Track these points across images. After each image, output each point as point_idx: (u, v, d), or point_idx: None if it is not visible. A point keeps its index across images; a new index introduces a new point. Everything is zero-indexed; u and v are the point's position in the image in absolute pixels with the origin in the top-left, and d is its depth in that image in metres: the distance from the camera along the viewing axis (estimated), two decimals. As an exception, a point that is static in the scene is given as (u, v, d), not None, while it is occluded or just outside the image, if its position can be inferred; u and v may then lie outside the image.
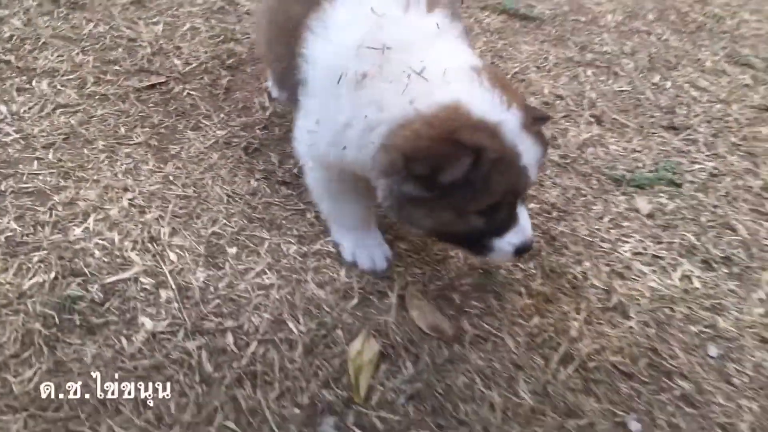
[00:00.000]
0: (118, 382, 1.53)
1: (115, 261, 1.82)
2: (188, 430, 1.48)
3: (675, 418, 1.70)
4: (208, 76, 2.60)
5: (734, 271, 2.17)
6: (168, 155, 2.20)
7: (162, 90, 2.49)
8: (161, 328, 1.69)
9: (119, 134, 2.26)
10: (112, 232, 1.90)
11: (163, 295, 1.78)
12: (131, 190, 2.04)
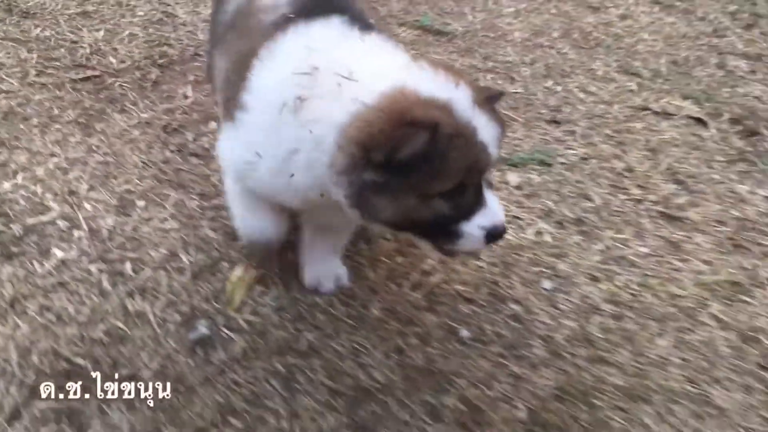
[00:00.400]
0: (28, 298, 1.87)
1: (36, 208, 2.19)
2: (81, 328, 1.82)
3: (502, 330, 2.06)
4: (139, 72, 3.01)
5: (582, 230, 2.56)
6: (94, 131, 2.58)
7: (96, 82, 2.89)
8: (70, 257, 2.04)
9: (53, 114, 2.64)
10: (36, 187, 2.26)
11: (76, 234, 2.14)
12: (57, 156, 2.41)
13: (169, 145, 2.59)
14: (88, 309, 1.89)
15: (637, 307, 2.26)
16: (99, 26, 3.35)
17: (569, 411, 1.86)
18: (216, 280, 2.06)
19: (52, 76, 2.87)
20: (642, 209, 2.75)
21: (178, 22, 3.54)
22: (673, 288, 2.36)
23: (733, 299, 2.36)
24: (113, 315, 1.88)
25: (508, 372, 1.94)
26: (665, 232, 2.64)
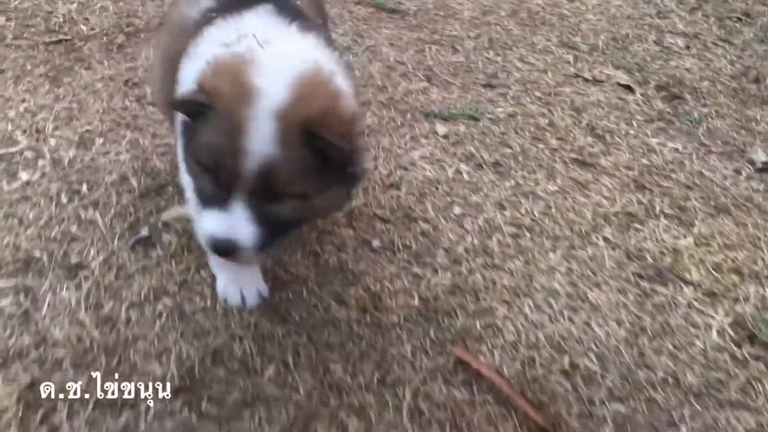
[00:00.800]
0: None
1: (6, 141, 2.54)
2: (39, 229, 2.17)
3: (410, 242, 2.41)
4: (106, 38, 3.38)
5: (498, 170, 2.91)
6: (61, 83, 2.94)
7: (66, 45, 3.26)
8: (34, 179, 2.40)
9: (26, 69, 3.01)
10: (7, 125, 2.62)
11: (40, 162, 2.50)
12: (27, 102, 2.77)
13: (129, 96, 2.95)
14: (46, 216, 2.23)
15: (535, 229, 2.61)
16: (73, 0, 3.71)
17: (459, 301, 2.20)
18: (161, 199, 2.40)
19: (27, 40, 3.23)
20: (557, 156, 3.10)
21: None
22: (571, 215, 2.71)
23: (626, 226, 2.71)
24: (68, 221, 2.23)
25: (411, 273, 2.29)
26: (575, 174, 2.99)
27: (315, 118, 1.45)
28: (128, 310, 1.94)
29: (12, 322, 1.86)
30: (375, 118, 3.12)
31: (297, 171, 1.46)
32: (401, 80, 3.52)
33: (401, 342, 2.03)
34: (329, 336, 2.00)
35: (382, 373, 1.93)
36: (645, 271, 2.50)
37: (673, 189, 3.01)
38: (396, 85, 3.45)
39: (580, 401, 1.97)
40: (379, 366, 1.95)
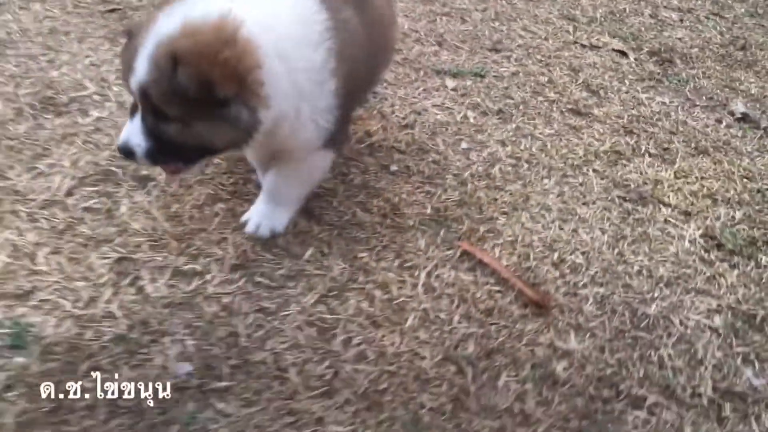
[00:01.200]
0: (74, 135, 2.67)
1: (77, 87, 2.99)
2: (112, 152, 2.61)
3: (423, 168, 2.84)
4: (154, 7, 3.83)
5: (501, 116, 3.34)
6: (119, 43, 3.39)
7: (119, 13, 3.72)
8: (103, 116, 2.84)
9: (86, 32, 3.46)
10: (77, 74, 3.07)
11: (107, 104, 2.94)
12: (91, 57, 3.22)
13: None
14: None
15: (533, 161, 3.03)
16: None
17: (465, 212, 2.63)
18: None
19: (85, 8, 3.69)
20: (554, 107, 3.52)
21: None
22: (565, 152, 3.12)
23: (614, 162, 3.13)
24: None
25: (424, 190, 2.71)
26: (570, 121, 3.41)
27: (185, 53, 1.73)
28: (191, 210, 2.37)
29: (98, 216, 2.30)
30: (392, 74, 3.54)
31: (167, 93, 1.76)
32: (415, 44, 3.94)
33: (416, 239, 2.45)
34: (356, 233, 2.42)
35: (401, 260, 2.35)
36: (628, 194, 2.91)
37: (658, 134, 3.42)
38: (410, 48, 3.87)
39: (567, 285, 2.39)
40: (398, 255, 2.37)
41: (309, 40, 1.96)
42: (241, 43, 1.78)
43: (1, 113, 2.67)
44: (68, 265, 2.09)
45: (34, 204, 2.28)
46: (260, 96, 1.83)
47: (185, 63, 1.72)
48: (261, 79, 1.82)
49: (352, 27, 2.11)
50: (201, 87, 1.73)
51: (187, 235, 2.27)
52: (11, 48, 3.15)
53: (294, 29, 1.95)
